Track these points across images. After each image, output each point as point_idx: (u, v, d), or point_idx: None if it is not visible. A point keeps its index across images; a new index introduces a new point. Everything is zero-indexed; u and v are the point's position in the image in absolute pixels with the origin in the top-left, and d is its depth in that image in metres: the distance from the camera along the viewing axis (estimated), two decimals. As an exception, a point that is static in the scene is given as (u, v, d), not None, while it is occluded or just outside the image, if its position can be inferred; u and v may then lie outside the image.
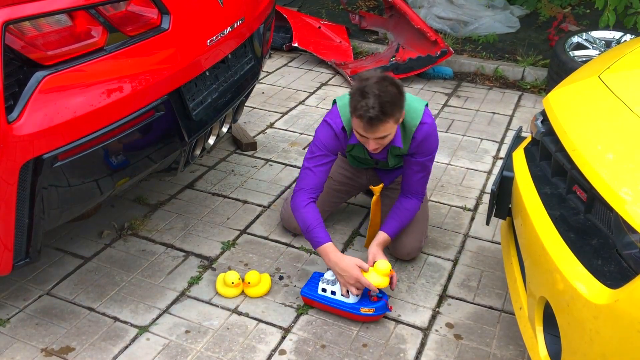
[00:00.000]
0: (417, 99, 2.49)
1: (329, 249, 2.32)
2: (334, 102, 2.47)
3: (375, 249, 2.42)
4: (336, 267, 2.29)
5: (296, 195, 2.44)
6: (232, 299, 2.43)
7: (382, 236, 2.47)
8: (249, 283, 2.41)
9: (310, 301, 2.36)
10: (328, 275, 2.34)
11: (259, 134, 3.82)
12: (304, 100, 4.31)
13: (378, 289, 2.29)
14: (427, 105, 2.48)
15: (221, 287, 2.45)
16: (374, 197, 2.65)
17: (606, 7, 4.23)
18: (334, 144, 2.43)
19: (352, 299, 2.29)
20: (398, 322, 2.34)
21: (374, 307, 2.27)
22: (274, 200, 3.09)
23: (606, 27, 4.43)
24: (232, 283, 2.41)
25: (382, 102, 2.14)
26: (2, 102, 1.68)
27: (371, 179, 2.80)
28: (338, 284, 2.31)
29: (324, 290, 2.33)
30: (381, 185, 2.66)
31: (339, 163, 2.84)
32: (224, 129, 2.89)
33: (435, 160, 3.52)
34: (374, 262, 2.33)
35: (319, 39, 5.12)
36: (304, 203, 2.40)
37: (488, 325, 2.34)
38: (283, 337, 2.26)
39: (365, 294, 2.32)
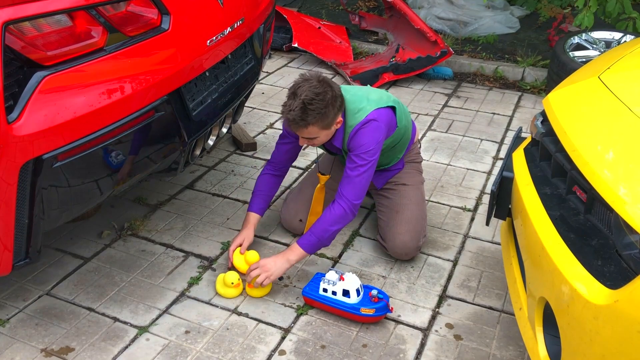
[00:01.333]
0: (374, 100, 2.43)
1: (248, 216, 2.65)
2: None
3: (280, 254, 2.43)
4: (242, 228, 2.63)
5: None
6: (231, 299, 2.43)
7: (292, 245, 2.44)
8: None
9: (311, 301, 2.36)
10: (329, 275, 2.34)
11: (259, 134, 3.82)
12: (303, 101, 4.31)
13: (377, 290, 2.32)
14: (390, 107, 2.44)
15: (221, 287, 2.45)
16: (318, 185, 2.73)
17: (585, 6, 4.22)
18: (288, 128, 2.58)
19: (352, 300, 2.29)
20: (398, 322, 2.34)
21: (374, 307, 2.27)
22: (274, 201, 3.09)
23: (604, 26, 4.43)
24: (232, 283, 2.42)
25: (305, 108, 2.22)
26: (2, 102, 1.68)
27: None
28: (339, 284, 2.31)
29: (325, 290, 2.33)
30: (327, 176, 2.72)
31: (336, 163, 2.85)
32: (224, 130, 2.89)
33: (435, 160, 3.53)
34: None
35: (319, 39, 5.12)
36: (262, 173, 2.72)
37: (488, 326, 2.34)
38: (283, 338, 2.26)
39: (366, 295, 2.32)
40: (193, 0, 2.33)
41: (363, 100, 2.43)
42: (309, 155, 3.52)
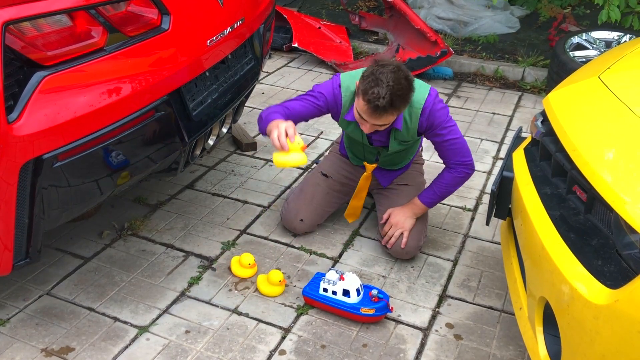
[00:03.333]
0: (421, 82, 2.46)
1: (276, 119, 2.30)
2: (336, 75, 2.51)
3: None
4: (273, 126, 2.26)
5: (266, 109, 2.46)
6: (231, 299, 2.43)
7: (413, 200, 2.59)
8: (269, 280, 2.45)
9: (312, 301, 2.36)
10: (330, 275, 2.34)
11: (259, 134, 3.82)
12: (304, 101, 4.31)
13: (377, 289, 2.32)
14: (431, 88, 2.48)
15: (237, 268, 2.54)
16: (365, 173, 2.74)
17: (606, 1, 4.21)
18: (328, 93, 2.46)
19: (353, 300, 2.29)
20: (398, 322, 2.34)
21: (374, 307, 2.27)
22: (274, 201, 3.09)
23: (604, 26, 4.42)
24: (249, 264, 2.52)
25: (394, 95, 2.18)
26: (2, 102, 1.68)
27: (371, 180, 2.81)
28: (339, 284, 2.31)
29: (325, 290, 2.33)
30: (374, 165, 2.71)
31: (338, 163, 2.85)
32: (224, 129, 2.89)
33: (436, 160, 3.52)
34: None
35: (319, 39, 5.12)
36: (270, 111, 2.41)
37: (488, 326, 2.34)
38: (283, 337, 2.26)
39: (366, 294, 2.32)
40: (193, 0, 2.33)
41: (415, 81, 2.38)
42: (309, 155, 3.52)
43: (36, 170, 1.80)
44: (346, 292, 2.30)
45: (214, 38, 2.40)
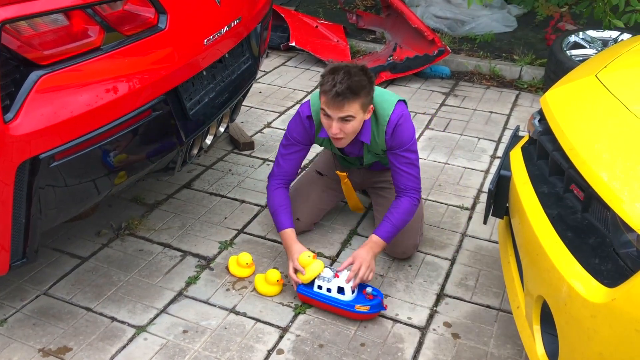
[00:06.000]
0: (391, 93, 2.52)
1: (286, 234, 2.50)
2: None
3: (358, 251, 2.41)
4: (287, 251, 2.48)
5: (269, 180, 2.64)
6: (229, 299, 2.43)
7: (371, 238, 2.45)
8: (267, 279, 2.45)
9: (307, 298, 2.36)
10: (324, 273, 2.34)
11: (257, 133, 3.82)
12: (301, 100, 4.31)
13: (372, 287, 2.34)
14: (403, 101, 2.50)
15: (234, 267, 2.54)
16: (342, 181, 2.76)
17: (605, 14, 4.24)
18: (301, 133, 2.55)
19: (347, 297, 2.30)
20: (396, 321, 2.34)
21: (369, 304, 2.28)
22: (272, 200, 3.09)
23: (601, 24, 4.44)
24: (247, 264, 2.52)
25: (351, 80, 2.22)
26: (-2, 101, 1.68)
27: (364, 175, 2.82)
28: (334, 282, 2.31)
29: (319, 287, 2.33)
30: (345, 173, 2.73)
31: (332, 161, 2.85)
32: (221, 129, 2.88)
33: (433, 159, 3.53)
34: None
35: (317, 38, 5.11)
36: (273, 188, 2.59)
37: (486, 324, 2.34)
38: (281, 337, 2.26)
39: (361, 292, 2.33)
40: (190, -1, 2.33)
41: (384, 93, 2.49)
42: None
43: (33, 169, 1.79)
44: (341, 290, 2.31)
45: (211, 37, 2.40)
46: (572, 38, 4.48)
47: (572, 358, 1.60)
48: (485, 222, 2.36)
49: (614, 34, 4.48)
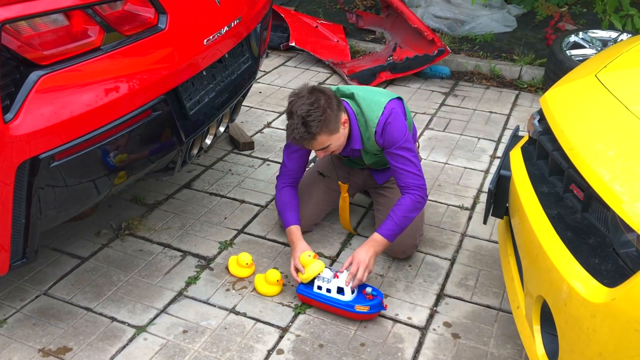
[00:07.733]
0: (383, 93, 2.51)
1: (291, 231, 2.55)
2: None
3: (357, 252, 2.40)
4: (291, 248, 2.51)
5: (277, 180, 2.70)
6: (229, 299, 2.43)
7: (372, 237, 2.45)
8: (267, 279, 2.45)
9: (306, 299, 2.36)
10: (324, 273, 2.34)
11: (256, 133, 3.82)
12: (301, 100, 4.30)
13: (371, 287, 2.34)
14: (399, 98, 2.49)
15: (234, 267, 2.55)
16: (342, 194, 2.74)
17: (605, 12, 4.24)
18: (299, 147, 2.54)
19: (347, 297, 2.30)
20: (396, 321, 2.34)
21: (368, 305, 2.28)
22: (272, 200, 3.09)
23: (600, 24, 4.44)
24: (247, 264, 2.52)
25: (306, 123, 2.25)
26: (-2, 102, 1.68)
27: (366, 179, 2.82)
28: (333, 282, 2.31)
29: (319, 287, 2.33)
30: (346, 185, 2.72)
31: (336, 163, 2.85)
32: (221, 129, 2.88)
33: (433, 159, 3.53)
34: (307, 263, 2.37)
35: (316, 38, 5.11)
36: (280, 187, 2.66)
37: (486, 324, 2.34)
38: (281, 337, 2.26)
39: (360, 292, 2.33)
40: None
41: (375, 94, 2.49)
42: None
43: (33, 170, 1.79)
44: (340, 290, 2.31)
45: (211, 37, 2.40)
46: (572, 38, 4.48)
47: (572, 358, 1.60)
48: (485, 222, 2.36)
49: (613, 34, 4.48)
